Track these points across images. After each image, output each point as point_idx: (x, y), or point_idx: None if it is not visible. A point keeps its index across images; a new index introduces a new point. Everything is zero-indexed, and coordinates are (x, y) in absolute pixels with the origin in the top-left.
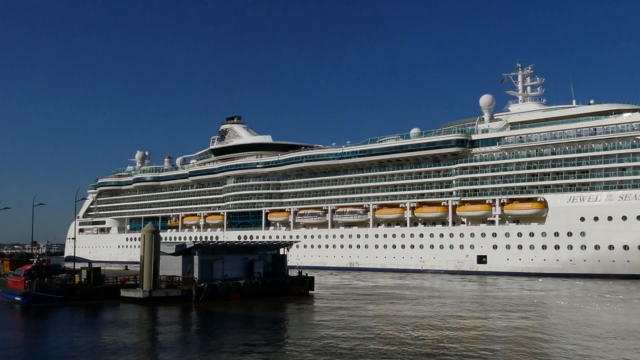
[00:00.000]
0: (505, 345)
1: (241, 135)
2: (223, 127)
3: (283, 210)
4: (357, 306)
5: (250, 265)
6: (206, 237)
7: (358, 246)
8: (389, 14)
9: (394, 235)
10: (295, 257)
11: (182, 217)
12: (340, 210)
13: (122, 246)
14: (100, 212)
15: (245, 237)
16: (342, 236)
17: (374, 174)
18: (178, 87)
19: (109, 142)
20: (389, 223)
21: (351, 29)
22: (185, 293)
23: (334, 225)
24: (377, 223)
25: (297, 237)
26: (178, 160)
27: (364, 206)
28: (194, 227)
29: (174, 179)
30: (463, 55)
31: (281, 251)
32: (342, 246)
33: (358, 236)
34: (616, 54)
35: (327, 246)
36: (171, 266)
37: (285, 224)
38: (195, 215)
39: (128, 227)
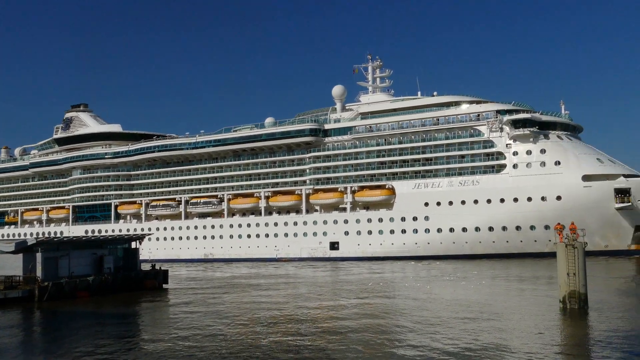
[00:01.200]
0: (356, 334)
1: (88, 124)
2: (68, 115)
3: (134, 202)
4: (212, 298)
5: (100, 260)
6: (50, 233)
7: (213, 237)
8: (242, 1)
9: (248, 225)
10: (148, 251)
11: (22, 212)
12: (194, 200)
13: None
14: None
15: (93, 231)
16: (196, 227)
17: (228, 163)
18: (17, 71)
19: None
20: (244, 213)
21: (204, 15)
22: (27, 293)
23: (188, 216)
24: (232, 213)
25: (150, 229)
26: (17, 151)
27: (219, 196)
28: (35, 222)
29: (12, 171)
30: (316, 45)
31: (133, 245)
32: (196, 237)
33: (212, 227)
34: (457, 47)
35: (180, 238)
36: (10, 265)
37: (137, 216)
38: (36, 209)
39: None
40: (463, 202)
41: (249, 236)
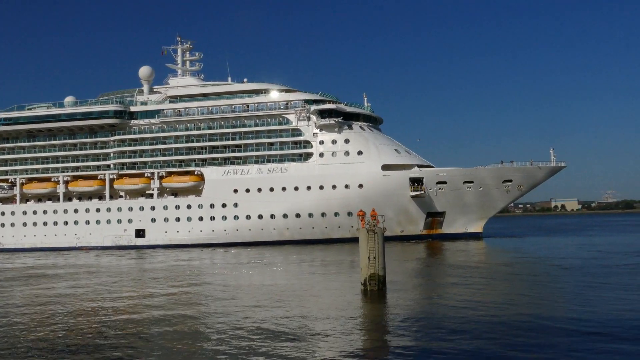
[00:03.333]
0: (163, 329)
1: None
2: None
3: None
4: (2, 293)
5: None
6: None
7: (3, 225)
8: None
9: (45, 212)
10: None
11: None
12: None
13: None
14: None
15: None
16: None
17: (22, 144)
18: None
19: None
20: (40, 198)
21: None
22: None
23: None
24: (26, 199)
25: None
26: None
27: (10, 180)
28: None
29: None
30: (124, 23)
31: None
32: None
33: (3, 214)
34: (266, 35)
35: None
36: None
37: None
38: None
39: None
40: (271, 189)
41: (45, 224)
